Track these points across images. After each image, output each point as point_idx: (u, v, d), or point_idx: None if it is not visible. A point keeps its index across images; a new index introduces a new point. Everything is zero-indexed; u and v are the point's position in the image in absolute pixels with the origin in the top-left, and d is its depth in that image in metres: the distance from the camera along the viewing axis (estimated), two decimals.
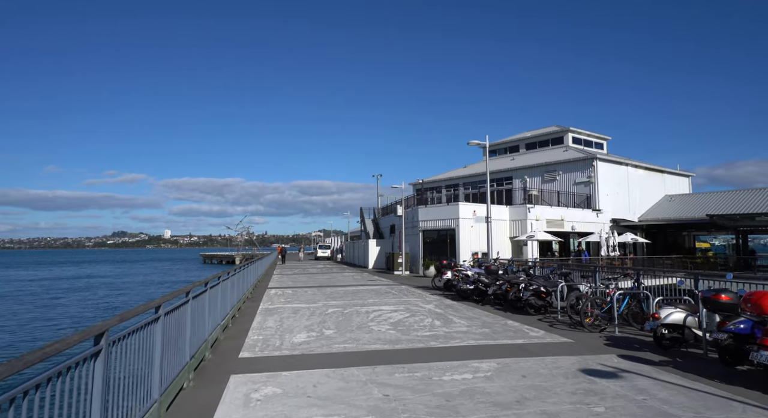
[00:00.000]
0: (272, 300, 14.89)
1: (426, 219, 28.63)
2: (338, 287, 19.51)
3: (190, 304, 6.04)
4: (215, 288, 8.38)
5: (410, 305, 13.21)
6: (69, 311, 25.11)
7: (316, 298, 15.37)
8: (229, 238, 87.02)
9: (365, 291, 17.43)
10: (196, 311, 6.69)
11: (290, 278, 24.69)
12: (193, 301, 6.40)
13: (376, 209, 45.08)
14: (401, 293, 16.90)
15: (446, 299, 14.75)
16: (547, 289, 11.15)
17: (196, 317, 6.68)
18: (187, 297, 5.95)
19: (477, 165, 46.41)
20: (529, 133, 44.35)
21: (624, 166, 35.30)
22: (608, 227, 32.84)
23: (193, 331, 6.21)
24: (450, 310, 12.28)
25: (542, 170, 36.65)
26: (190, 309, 6.02)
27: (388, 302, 13.96)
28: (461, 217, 26.77)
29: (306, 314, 11.80)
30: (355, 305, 13.47)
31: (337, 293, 16.73)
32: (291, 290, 18.35)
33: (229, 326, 10.08)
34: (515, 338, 8.42)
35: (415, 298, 15.19)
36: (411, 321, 10.45)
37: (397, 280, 23.53)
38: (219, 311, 8.71)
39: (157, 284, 42.82)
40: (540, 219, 28.55)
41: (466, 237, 26.75)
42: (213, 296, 8.16)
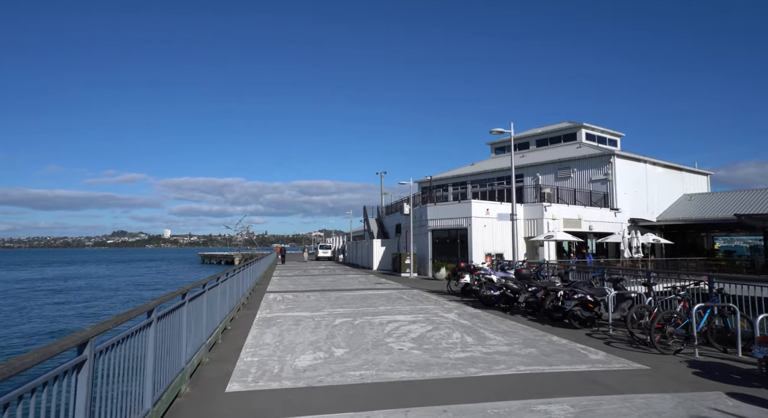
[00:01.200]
0: (271, 307, 13.19)
1: (435, 218, 26.94)
2: (344, 291, 17.81)
3: (154, 327, 4.33)
4: (198, 299, 6.68)
5: (429, 315, 11.51)
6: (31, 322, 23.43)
7: (320, 304, 13.67)
8: (229, 238, 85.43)
9: (374, 296, 15.73)
10: (169, 332, 5.00)
11: (291, 281, 22.99)
12: (162, 321, 4.70)
13: (380, 207, 43.35)
14: (414, 298, 15.20)
15: (468, 307, 13.04)
16: (595, 298, 9.44)
17: (169, 342, 4.99)
18: (149, 318, 4.25)
19: (485, 162, 44.72)
20: (539, 129, 42.63)
21: (642, 164, 33.60)
22: (626, 226, 31.16)
23: (159, 364, 4.51)
24: (477, 321, 10.57)
25: (555, 167, 34.95)
26: (153, 336, 4.30)
27: (402, 311, 12.25)
28: (474, 215, 25.07)
29: (310, 325, 10.11)
30: (366, 313, 11.77)
31: (343, 299, 15.03)
32: (292, 294, 16.65)
33: (219, 342, 8.37)
34: (574, 363, 6.72)
35: (431, 305, 13.49)
36: (436, 336, 8.75)
37: (406, 283, 21.82)
38: (204, 328, 7.01)
39: (146, 287, 41.12)
40: (557, 218, 26.86)
41: (478, 237, 25.06)
42: (195, 310, 6.47)
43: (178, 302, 5.51)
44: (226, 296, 9.74)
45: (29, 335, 17.89)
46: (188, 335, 5.87)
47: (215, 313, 8.17)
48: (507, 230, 26.28)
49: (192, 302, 6.21)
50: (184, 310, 5.70)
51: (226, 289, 9.80)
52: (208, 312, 7.42)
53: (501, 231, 25.99)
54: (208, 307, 7.47)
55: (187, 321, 5.82)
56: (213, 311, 7.95)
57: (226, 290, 9.79)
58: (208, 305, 7.37)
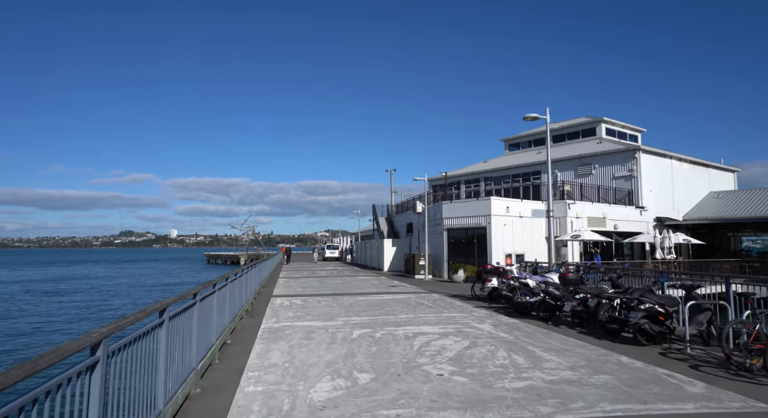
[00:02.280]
0: (278, 315, 11.71)
1: (451, 216, 25.38)
2: (357, 295, 16.31)
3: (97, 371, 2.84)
4: (186, 314, 5.21)
5: (460, 325, 9.98)
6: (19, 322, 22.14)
7: (333, 312, 12.17)
8: (235, 238, 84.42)
9: (392, 302, 14.22)
10: (138, 366, 3.52)
11: (298, 283, 21.54)
12: (128, 351, 3.22)
13: (390, 206, 41.83)
14: (437, 304, 13.67)
15: (500, 315, 11.50)
16: (666, 309, 7.86)
17: (139, 380, 3.51)
18: (93, 357, 2.77)
19: (499, 159, 43.09)
20: (556, 124, 40.87)
21: (667, 159, 31.84)
22: (652, 226, 29.46)
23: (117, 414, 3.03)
24: (519, 334, 9.02)
25: (576, 163, 33.26)
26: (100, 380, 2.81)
27: (427, 320, 10.73)
28: (493, 214, 23.47)
29: (324, 339, 8.61)
30: (387, 323, 10.26)
31: (357, 305, 13.53)
32: (300, 299, 15.18)
33: (215, 364, 6.90)
34: (672, 400, 5.16)
35: (458, 312, 11.96)
36: (477, 355, 7.23)
37: (422, 286, 20.29)
38: (194, 351, 5.53)
39: (145, 287, 39.89)
40: (581, 217, 25.22)
41: (498, 237, 23.47)
42: (182, 327, 4.99)
43: (154, 323, 4.04)
44: (225, 305, 8.27)
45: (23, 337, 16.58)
46: (169, 366, 4.39)
47: (210, 327, 6.69)
48: (528, 229, 24.70)
49: (176, 319, 4.73)
50: (163, 332, 4.22)
51: (226, 296, 8.33)
52: (200, 329, 5.95)
53: (521, 230, 24.41)
54: (201, 321, 6.00)
55: (168, 347, 4.33)
56: (207, 325, 6.47)
57: (226, 297, 8.32)
58: (200, 319, 5.89)
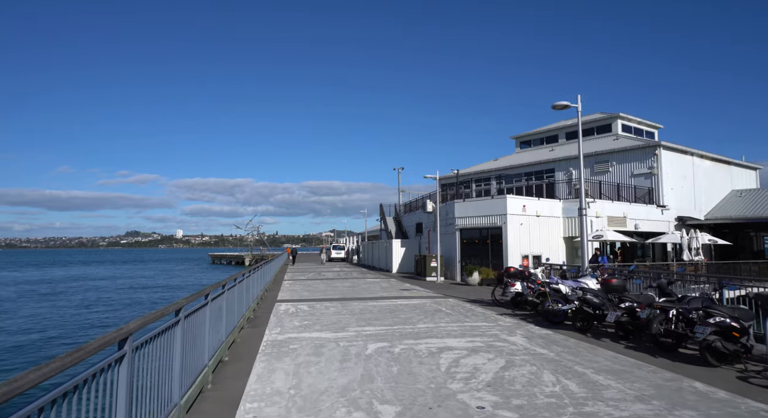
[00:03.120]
0: (282, 324, 10.58)
1: (464, 216, 24.19)
2: (367, 300, 15.16)
3: None
4: (166, 336, 4.07)
5: (488, 337, 8.80)
6: None
7: (343, 320, 11.03)
8: (240, 238, 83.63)
9: (406, 308, 13.05)
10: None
11: (304, 286, 20.41)
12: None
13: (398, 205, 40.67)
14: (456, 311, 12.49)
15: (530, 325, 10.31)
16: (741, 323, 6.65)
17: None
18: None
19: (510, 157, 41.83)
20: (569, 121, 39.58)
21: (689, 156, 30.47)
22: (673, 225, 28.13)
23: None
24: (560, 349, 7.84)
25: (592, 161, 31.93)
26: None
27: (450, 331, 9.55)
28: (509, 213, 22.26)
29: (336, 355, 7.47)
30: (405, 335, 9.11)
31: (369, 311, 12.38)
32: (307, 304, 14.04)
33: (207, 390, 5.76)
34: None
35: (482, 321, 10.78)
36: (519, 379, 6.06)
37: (436, 289, 19.11)
38: (176, 383, 4.38)
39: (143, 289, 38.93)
40: (600, 216, 23.95)
41: (514, 237, 22.25)
42: (160, 355, 3.86)
43: (112, 357, 2.91)
44: (222, 317, 7.14)
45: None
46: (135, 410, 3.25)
47: (200, 349, 5.55)
48: (545, 229, 23.48)
49: (147, 347, 3.60)
50: (124, 371, 3.08)
51: (222, 307, 7.20)
52: (187, 352, 4.81)
53: (538, 230, 23.18)
54: (188, 342, 4.87)
55: (131, 390, 3.19)
56: (196, 346, 5.33)
57: (222, 308, 7.19)
58: (185, 341, 4.76)
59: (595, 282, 10.77)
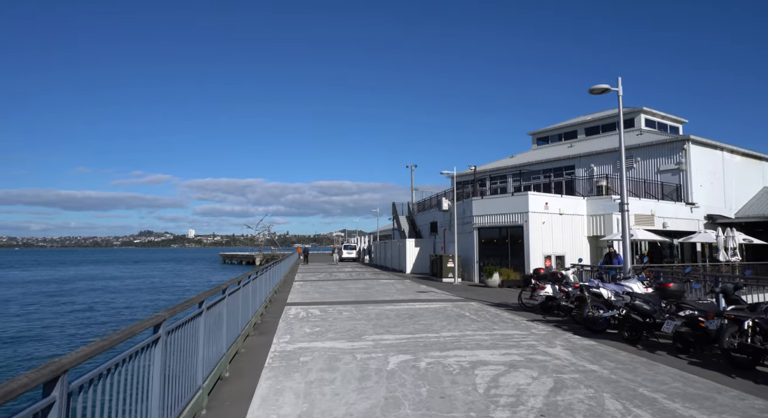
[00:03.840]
0: (292, 330, 9.61)
1: (482, 214, 23.06)
2: (383, 303, 14.14)
3: None
4: (137, 363, 3.09)
5: (524, 349, 7.73)
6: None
7: (359, 326, 10.03)
8: (252, 238, 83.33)
9: (426, 313, 12.01)
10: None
11: (315, 287, 19.46)
12: None
13: (411, 203, 39.60)
14: (481, 316, 11.41)
15: (567, 333, 9.20)
16: None
17: None
18: None
19: (526, 154, 40.53)
20: (588, 116, 38.23)
21: (719, 151, 28.96)
22: (702, 224, 26.69)
23: None
24: (613, 365, 6.74)
25: (614, 156, 30.51)
26: None
27: (480, 341, 8.49)
28: (531, 210, 21.08)
29: (353, 371, 6.46)
30: (429, 345, 8.08)
31: (386, 316, 11.36)
32: (318, 308, 13.07)
33: (200, 416, 4.79)
34: None
35: (513, 328, 9.70)
36: (576, 406, 4.99)
37: (454, 291, 18.03)
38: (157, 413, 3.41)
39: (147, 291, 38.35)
40: None
41: (536, 236, 21.08)
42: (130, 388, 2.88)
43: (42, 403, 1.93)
44: (222, 328, 6.17)
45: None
46: None
47: (191, 369, 4.57)
48: (569, 228, 22.25)
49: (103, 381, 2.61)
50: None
51: (221, 314, 6.23)
52: (173, 375, 3.83)
53: (561, 229, 21.98)
54: (175, 362, 3.89)
55: None
56: (185, 367, 4.35)
57: (222, 316, 6.22)
58: (168, 363, 3.78)
59: (641, 285, 9.62)
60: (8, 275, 56.95)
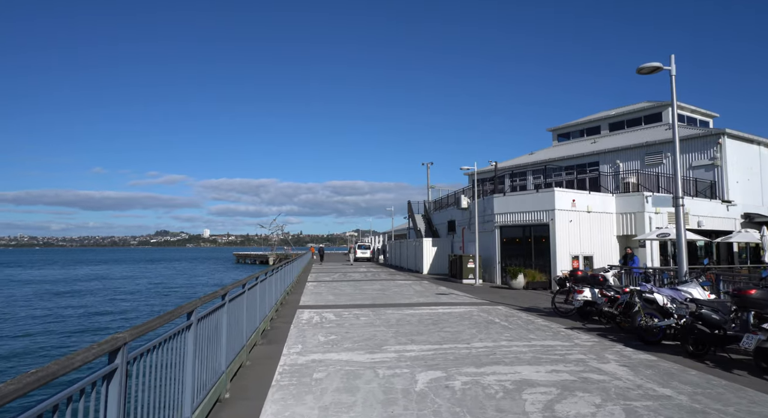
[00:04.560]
0: (305, 339, 8.63)
1: (504, 212, 21.87)
2: (402, 306, 13.10)
3: None
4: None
5: (573, 365, 6.63)
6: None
7: (378, 334, 9.00)
8: (265, 237, 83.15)
9: (451, 318, 10.94)
10: None
11: (329, 289, 18.51)
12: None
13: (427, 202, 38.48)
14: (513, 323, 10.31)
15: (617, 345, 8.05)
16: None
17: None
18: None
19: (547, 150, 39.12)
20: (612, 111, 36.70)
21: (755, 146, 27.30)
22: (739, 223, 25.11)
23: None
24: (688, 388, 5.61)
25: (642, 152, 29.08)
26: None
27: (518, 354, 7.40)
28: (557, 208, 19.84)
29: (375, 392, 5.44)
30: (461, 359, 7.02)
31: (407, 322, 10.32)
32: (333, 312, 12.08)
33: None
34: None
35: (552, 338, 8.58)
36: None
37: (477, 293, 16.91)
38: None
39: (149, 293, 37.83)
40: (660, 212, 21.23)
41: (563, 235, 19.82)
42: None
43: None
44: (221, 340, 5.18)
45: None
46: None
47: (177, 395, 3.58)
48: (597, 227, 20.94)
49: None
50: None
51: (220, 324, 5.25)
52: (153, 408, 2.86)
53: (589, 228, 20.68)
54: (148, 391, 2.91)
55: None
56: (169, 395, 3.37)
57: (221, 326, 5.25)
58: (147, 390, 2.80)
59: (701, 291, 8.43)
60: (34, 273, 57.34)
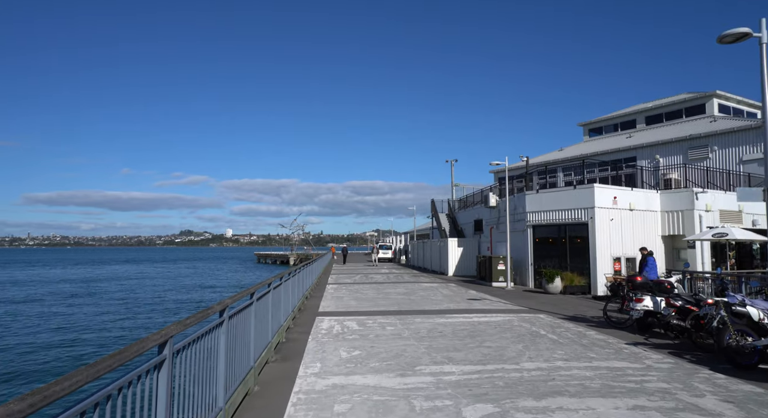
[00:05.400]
0: (324, 355, 7.47)
1: (537, 210, 20.37)
2: (432, 314, 11.84)
3: None
4: None
5: (657, 397, 5.27)
6: None
7: (408, 349, 7.78)
8: (287, 237, 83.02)
9: (489, 329, 9.62)
10: None
11: (350, 292, 17.37)
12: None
13: (451, 200, 37.06)
14: (562, 336, 8.94)
15: (700, 368, 6.63)
16: None
17: None
18: None
19: (576, 146, 37.23)
20: (650, 103, 34.60)
21: None
22: None
23: None
24: None
25: (685, 146, 27.09)
26: None
27: (584, 380, 6.06)
28: (597, 205, 18.26)
29: None
30: (513, 386, 5.73)
31: (440, 334, 9.07)
32: (355, 320, 10.91)
33: None
34: None
35: (615, 357, 7.19)
36: None
37: (511, 298, 15.51)
38: None
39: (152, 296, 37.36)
40: (711, 209, 19.40)
41: (603, 235, 18.23)
42: None
43: None
44: (218, 366, 4.04)
45: None
46: None
47: None
48: (640, 226, 19.25)
49: None
50: None
51: (217, 347, 4.11)
52: None
53: (631, 227, 19.02)
54: None
55: None
56: None
57: (218, 349, 4.10)
58: None
59: None
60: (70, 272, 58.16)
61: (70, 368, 11.34)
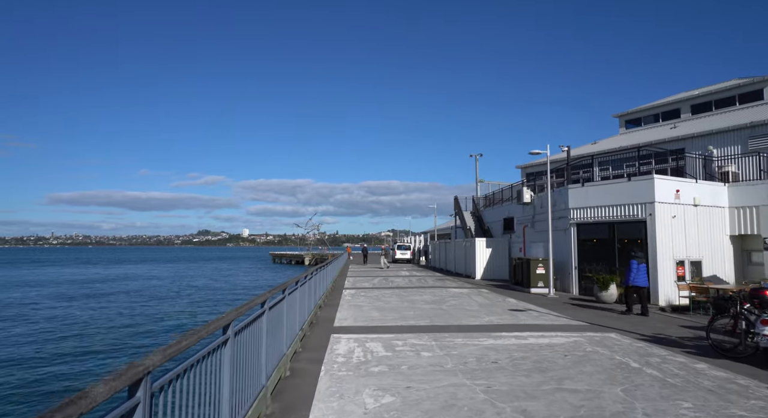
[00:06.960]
0: (342, 404, 5.20)
1: (582, 206, 17.85)
2: (473, 331, 9.49)
3: None
4: None
5: None
6: None
7: (459, 393, 5.47)
8: (302, 237, 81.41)
9: (556, 356, 7.25)
10: None
11: (370, 299, 15.11)
12: None
13: (476, 197, 34.55)
14: (666, 372, 6.53)
15: None
16: None
17: None
18: None
19: (614, 138, 34.37)
20: (696, 90, 31.64)
21: None
22: None
23: None
24: None
25: (744, 135, 24.11)
26: None
27: None
28: (658, 200, 15.66)
29: None
30: None
31: (496, 365, 6.74)
32: (380, 341, 8.62)
33: None
34: None
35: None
36: None
37: (561, 309, 13.05)
38: None
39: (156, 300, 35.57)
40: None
41: (665, 235, 15.61)
42: None
43: None
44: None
45: None
46: None
47: None
48: (705, 224, 16.55)
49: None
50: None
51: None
52: None
53: (696, 225, 16.37)
54: None
55: None
56: None
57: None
58: None
59: None
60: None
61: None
